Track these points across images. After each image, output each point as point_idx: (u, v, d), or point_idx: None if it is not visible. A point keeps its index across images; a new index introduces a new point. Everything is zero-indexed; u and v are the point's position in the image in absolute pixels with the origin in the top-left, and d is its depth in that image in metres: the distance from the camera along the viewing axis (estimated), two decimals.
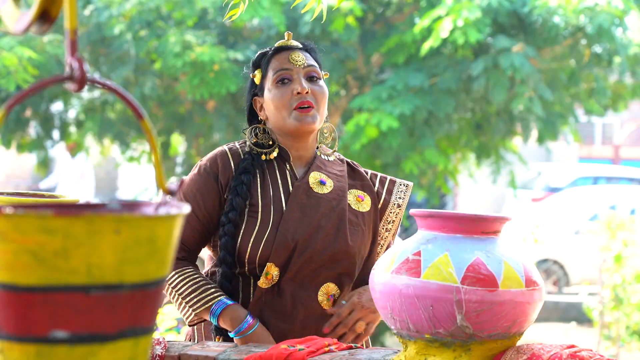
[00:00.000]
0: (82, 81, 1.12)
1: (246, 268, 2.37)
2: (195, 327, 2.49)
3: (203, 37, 7.56)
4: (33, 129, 9.13)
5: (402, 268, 1.76)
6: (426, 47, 7.29)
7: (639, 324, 7.96)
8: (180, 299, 2.36)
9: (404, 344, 1.82)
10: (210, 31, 7.94)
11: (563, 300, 10.70)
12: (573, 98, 8.40)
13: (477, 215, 1.80)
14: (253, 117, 2.50)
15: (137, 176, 17.26)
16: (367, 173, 2.55)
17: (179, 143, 9.43)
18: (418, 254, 1.77)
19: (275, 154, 2.45)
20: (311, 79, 2.43)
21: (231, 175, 2.40)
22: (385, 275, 1.79)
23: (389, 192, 2.53)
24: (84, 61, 1.12)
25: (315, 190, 2.42)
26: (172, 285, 2.37)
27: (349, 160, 2.56)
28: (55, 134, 9.21)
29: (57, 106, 9.20)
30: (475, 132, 8.43)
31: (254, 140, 2.45)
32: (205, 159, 2.45)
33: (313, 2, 2.44)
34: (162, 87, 8.23)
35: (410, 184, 2.55)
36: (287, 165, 2.45)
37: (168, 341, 2.15)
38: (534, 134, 8.62)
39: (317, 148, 2.51)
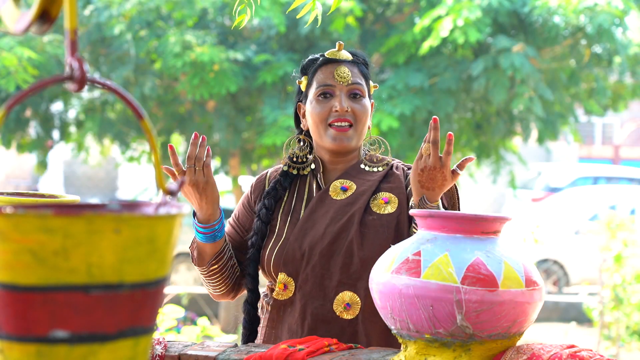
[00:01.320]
0: (82, 81, 1.12)
1: (270, 286, 2.40)
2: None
3: (203, 37, 7.56)
4: (33, 129, 9.13)
5: (402, 268, 1.76)
6: (426, 46, 7.29)
7: (639, 324, 7.96)
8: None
9: (404, 344, 1.81)
10: (210, 31, 7.94)
11: (563, 300, 10.69)
12: (573, 98, 8.41)
13: (477, 215, 1.79)
14: (299, 122, 2.49)
15: (137, 176, 17.27)
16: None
17: (179, 143, 9.43)
18: (418, 254, 1.77)
19: (308, 170, 2.44)
20: (354, 96, 2.37)
21: (260, 197, 2.45)
22: (385, 275, 1.79)
23: None
24: (84, 61, 1.12)
25: (333, 197, 2.37)
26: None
27: (402, 164, 2.43)
28: (55, 134, 9.21)
29: (57, 106, 9.20)
30: (475, 132, 8.43)
31: (290, 155, 2.45)
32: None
33: (309, 6, 2.42)
34: (162, 87, 8.23)
35: None
36: (318, 177, 2.42)
37: (168, 341, 2.15)
38: (534, 134, 8.62)
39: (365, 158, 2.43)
